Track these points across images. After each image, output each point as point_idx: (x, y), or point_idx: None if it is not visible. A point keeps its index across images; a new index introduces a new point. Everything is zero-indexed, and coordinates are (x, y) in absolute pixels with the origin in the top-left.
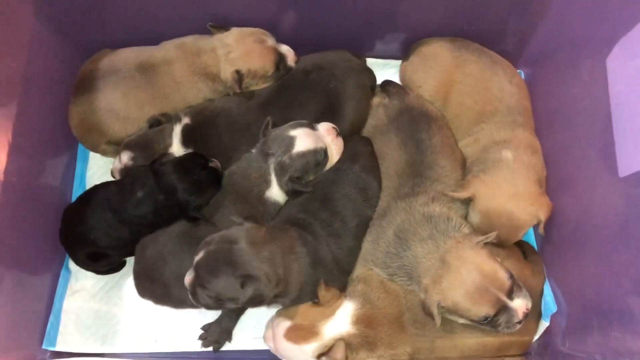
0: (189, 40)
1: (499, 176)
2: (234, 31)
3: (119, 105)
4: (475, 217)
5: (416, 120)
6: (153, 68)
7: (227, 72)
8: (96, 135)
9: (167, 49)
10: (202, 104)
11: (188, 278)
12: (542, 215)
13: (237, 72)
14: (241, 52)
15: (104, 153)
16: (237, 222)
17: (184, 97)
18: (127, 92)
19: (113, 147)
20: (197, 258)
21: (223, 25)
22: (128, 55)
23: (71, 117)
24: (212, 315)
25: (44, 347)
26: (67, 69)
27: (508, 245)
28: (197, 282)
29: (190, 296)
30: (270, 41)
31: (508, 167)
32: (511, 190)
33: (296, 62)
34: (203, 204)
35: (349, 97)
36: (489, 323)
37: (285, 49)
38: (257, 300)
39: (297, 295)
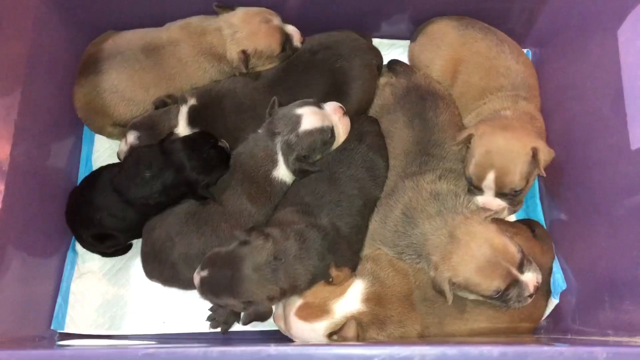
0: (194, 20)
1: (497, 121)
2: (240, 11)
3: (124, 86)
4: (471, 161)
5: (423, 99)
6: (158, 49)
7: (233, 52)
8: (101, 117)
9: (172, 30)
10: (208, 85)
11: (197, 281)
12: (539, 145)
13: (244, 52)
14: (247, 32)
15: (109, 135)
16: (240, 239)
17: (190, 78)
18: (132, 73)
19: (119, 129)
20: (202, 274)
21: (229, 5)
22: (133, 37)
23: (76, 99)
24: None
25: (52, 328)
26: (72, 51)
27: (513, 196)
28: (203, 293)
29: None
30: (276, 21)
31: (506, 118)
32: (507, 125)
33: (302, 43)
34: (211, 183)
35: (356, 77)
36: (500, 297)
37: (291, 29)
38: (260, 318)
39: (308, 287)
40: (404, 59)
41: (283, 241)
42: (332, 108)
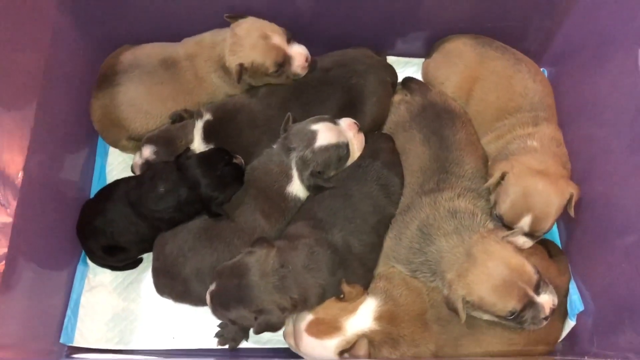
0: (207, 34)
1: (528, 158)
2: (245, 22)
3: (142, 100)
4: (506, 201)
5: (439, 116)
6: (175, 64)
7: (231, 63)
8: (117, 130)
9: (188, 45)
10: (223, 100)
11: (208, 298)
12: (574, 191)
13: (241, 65)
14: (246, 45)
15: (124, 149)
16: (245, 252)
17: (207, 92)
18: (151, 87)
19: (133, 143)
20: (211, 288)
21: (241, 15)
22: (152, 50)
23: (93, 112)
24: None
25: (61, 342)
26: (89, 63)
27: (538, 236)
28: (214, 309)
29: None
30: (277, 39)
31: (536, 152)
32: (542, 167)
33: (309, 67)
34: (226, 200)
35: (370, 93)
36: (515, 319)
37: (295, 51)
38: (272, 328)
39: (319, 302)
40: (419, 77)
41: (290, 251)
42: (347, 124)
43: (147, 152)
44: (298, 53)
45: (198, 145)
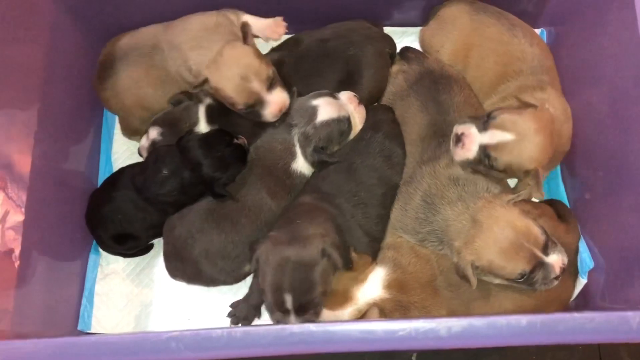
0: (194, 25)
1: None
2: (236, 50)
3: (145, 83)
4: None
5: (437, 82)
6: (162, 50)
7: (203, 73)
8: (139, 110)
9: (173, 32)
10: None
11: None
12: (542, 170)
13: (206, 81)
14: (223, 73)
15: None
16: (254, 267)
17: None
18: (148, 70)
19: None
20: (288, 300)
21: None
22: (148, 32)
23: (106, 102)
24: (243, 292)
25: (79, 329)
26: (88, 54)
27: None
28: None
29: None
30: (256, 85)
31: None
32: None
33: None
34: (229, 180)
35: (368, 65)
36: (525, 281)
37: (273, 99)
38: (348, 261)
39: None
40: (416, 46)
41: (292, 225)
42: (347, 98)
43: (154, 133)
44: (274, 102)
45: (204, 127)
